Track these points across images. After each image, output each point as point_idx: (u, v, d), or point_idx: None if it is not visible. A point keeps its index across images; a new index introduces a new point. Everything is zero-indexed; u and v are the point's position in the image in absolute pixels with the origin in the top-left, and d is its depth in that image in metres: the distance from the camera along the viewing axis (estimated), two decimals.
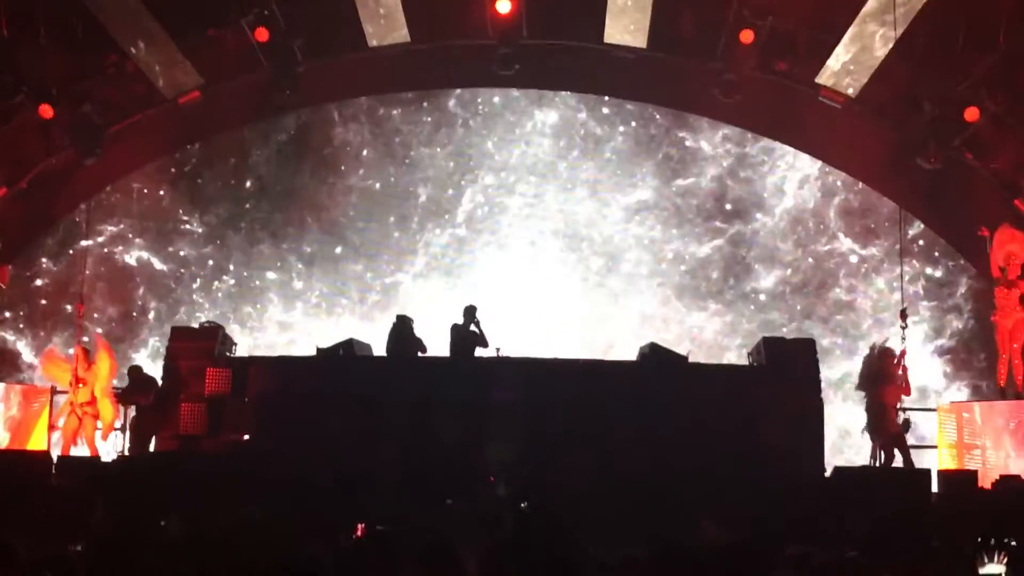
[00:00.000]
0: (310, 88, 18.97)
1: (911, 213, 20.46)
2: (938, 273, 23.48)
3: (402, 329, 16.81)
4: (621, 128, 24.95)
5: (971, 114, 17.13)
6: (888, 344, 16.91)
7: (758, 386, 15.98)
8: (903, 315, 16.91)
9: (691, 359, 16.73)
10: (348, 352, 16.44)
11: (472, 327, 16.40)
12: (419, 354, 16.61)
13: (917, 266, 23.50)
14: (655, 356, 16.44)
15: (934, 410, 18.96)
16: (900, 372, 16.32)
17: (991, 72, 16.99)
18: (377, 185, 24.55)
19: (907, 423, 16.48)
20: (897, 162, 18.64)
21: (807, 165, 24.15)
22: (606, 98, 23.98)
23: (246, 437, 16.16)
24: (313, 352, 16.75)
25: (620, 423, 15.50)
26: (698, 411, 15.59)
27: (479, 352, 16.49)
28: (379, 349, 17.01)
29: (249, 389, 16.22)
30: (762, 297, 24.79)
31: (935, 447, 18.06)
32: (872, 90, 18.11)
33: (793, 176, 24.72)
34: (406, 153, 24.46)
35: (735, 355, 22.57)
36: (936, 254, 23.20)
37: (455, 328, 16.54)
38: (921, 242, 23.17)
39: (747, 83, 18.45)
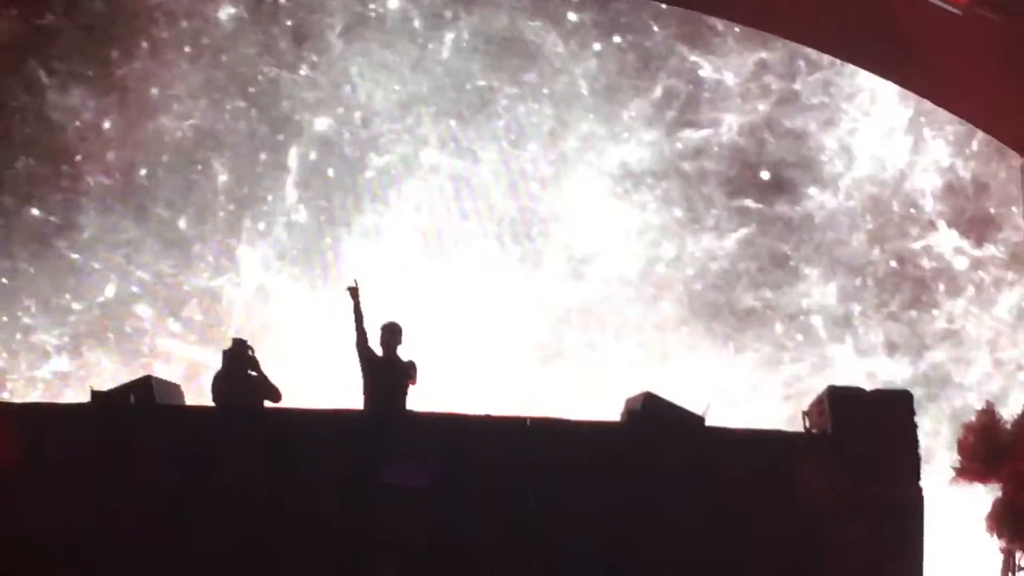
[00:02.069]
0: None
1: None
2: None
3: (237, 363, 16.24)
4: (597, 46, 24.42)
5: None
6: None
7: (820, 466, 15.52)
8: None
9: (709, 421, 16.13)
10: (144, 399, 15.80)
11: (390, 352, 16.12)
12: (266, 404, 16.05)
13: None
14: (652, 415, 15.93)
15: None
16: None
17: None
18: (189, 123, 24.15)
19: None
20: None
21: (892, 109, 23.99)
22: None
23: None
24: (87, 398, 15.90)
25: (592, 525, 15.12)
26: (722, 506, 15.25)
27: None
28: (198, 395, 17.06)
29: None
30: (817, 321, 24.31)
31: None
32: None
33: (869, 128, 24.37)
34: (228, 75, 24.24)
35: (780, 414, 21.78)
36: None
37: (369, 361, 15.99)
38: None
39: None
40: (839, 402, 15.96)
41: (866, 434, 15.66)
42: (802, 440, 16.26)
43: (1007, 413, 18.35)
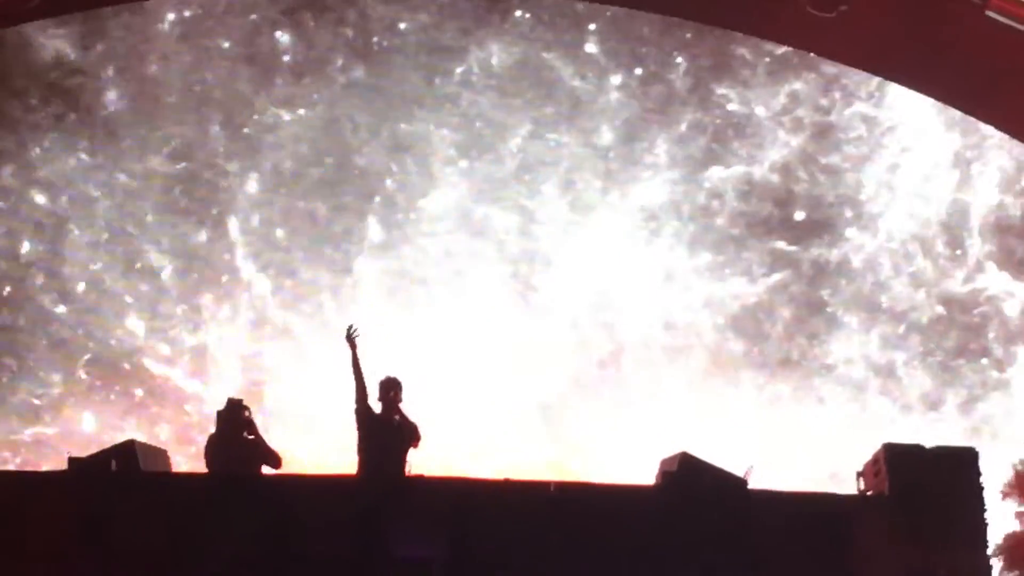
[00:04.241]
0: None
1: None
2: None
3: (232, 425, 15.70)
4: (617, 79, 24.40)
5: None
6: None
7: (878, 531, 15.27)
8: None
9: (752, 483, 15.82)
10: (127, 465, 15.44)
11: (390, 410, 15.39)
12: (263, 469, 15.63)
13: None
14: (688, 478, 15.67)
15: None
16: None
17: None
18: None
19: None
20: None
21: (936, 143, 23.99)
22: (592, 25, 23.79)
23: None
24: (64, 466, 15.54)
25: None
26: None
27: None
28: (188, 460, 17.31)
29: None
30: (858, 372, 24.16)
31: None
32: None
33: (911, 163, 24.28)
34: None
35: (826, 475, 20.89)
36: None
37: (366, 417, 15.37)
38: None
39: None
40: (898, 461, 15.59)
41: (929, 496, 15.26)
42: (857, 503, 15.91)
43: None
